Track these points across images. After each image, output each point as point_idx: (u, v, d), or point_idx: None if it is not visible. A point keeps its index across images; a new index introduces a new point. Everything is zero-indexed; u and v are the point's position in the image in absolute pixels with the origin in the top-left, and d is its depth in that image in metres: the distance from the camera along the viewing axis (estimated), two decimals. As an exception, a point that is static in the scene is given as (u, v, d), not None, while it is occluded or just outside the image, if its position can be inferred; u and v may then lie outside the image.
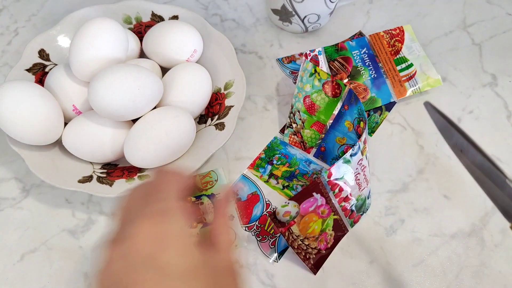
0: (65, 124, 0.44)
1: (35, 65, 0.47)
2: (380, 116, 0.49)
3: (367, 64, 0.50)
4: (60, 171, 0.42)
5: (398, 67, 0.50)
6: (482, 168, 0.26)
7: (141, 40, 0.49)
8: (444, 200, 0.45)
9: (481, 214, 0.45)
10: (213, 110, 0.47)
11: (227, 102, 0.46)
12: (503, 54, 0.54)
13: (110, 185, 0.42)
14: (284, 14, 0.52)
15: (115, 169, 0.44)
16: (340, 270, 0.42)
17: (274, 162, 0.47)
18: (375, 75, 0.50)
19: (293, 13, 0.51)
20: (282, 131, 0.49)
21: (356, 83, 0.49)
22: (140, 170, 0.44)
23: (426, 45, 0.55)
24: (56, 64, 0.48)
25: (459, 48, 0.55)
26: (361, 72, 0.49)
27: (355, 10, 0.57)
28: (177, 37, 0.47)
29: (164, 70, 0.48)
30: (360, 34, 0.55)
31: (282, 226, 0.40)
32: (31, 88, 0.42)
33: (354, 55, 0.50)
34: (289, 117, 0.47)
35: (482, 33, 0.56)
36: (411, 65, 0.51)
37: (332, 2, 0.51)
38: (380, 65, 0.50)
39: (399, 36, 0.52)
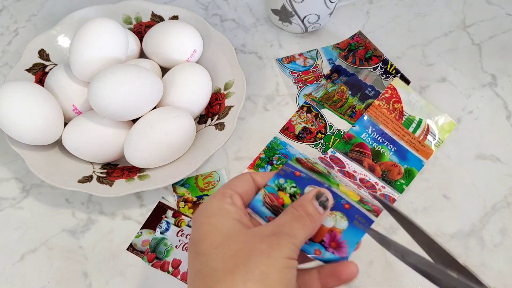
0: (65, 124, 0.44)
1: (35, 65, 0.47)
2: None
3: (381, 141, 0.47)
4: (60, 171, 0.42)
5: (410, 129, 0.48)
6: (426, 266, 0.27)
7: (141, 40, 0.50)
8: (444, 200, 0.45)
9: (480, 214, 0.45)
10: (213, 110, 0.47)
11: (227, 102, 0.46)
12: (503, 54, 0.54)
13: (110, 185, 0.42)
14: (284, 14, 0.52)
15: (115, 169, 0.44)
16: (340, 270, 0.42)
17: (274, 162, 0.47)
18: (395, 148, 0.47)
19: (293, 13, 0.51)
20: (282, 131, 0.49)
21: (383, 163, 0.46)
22: (140, 170, 0.44)
23: (426, 45, 0.55)
24: (56, 64, 0.48)
25: (458, 48, 0.55)
26: (381, 151, 0.47)
27: (355, 10, 0.57)
28: (177, 37, 0.47)
29: (164, 70, 0.48)
30: (360, 34, 0.55)
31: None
32: (31, 88, 0.42)
33: (364, 138, 0.48)
34: None
35: (481, 33, 0.56)
36: (420, 121, 0.48)
37: (332, 2, 0.51)
38: (393, 135, 0.48)
39: (394, 96, 0.49)
